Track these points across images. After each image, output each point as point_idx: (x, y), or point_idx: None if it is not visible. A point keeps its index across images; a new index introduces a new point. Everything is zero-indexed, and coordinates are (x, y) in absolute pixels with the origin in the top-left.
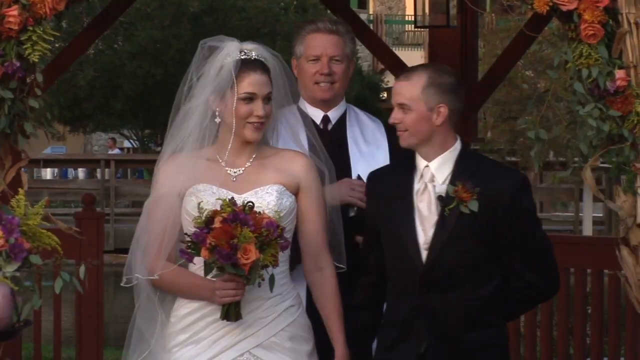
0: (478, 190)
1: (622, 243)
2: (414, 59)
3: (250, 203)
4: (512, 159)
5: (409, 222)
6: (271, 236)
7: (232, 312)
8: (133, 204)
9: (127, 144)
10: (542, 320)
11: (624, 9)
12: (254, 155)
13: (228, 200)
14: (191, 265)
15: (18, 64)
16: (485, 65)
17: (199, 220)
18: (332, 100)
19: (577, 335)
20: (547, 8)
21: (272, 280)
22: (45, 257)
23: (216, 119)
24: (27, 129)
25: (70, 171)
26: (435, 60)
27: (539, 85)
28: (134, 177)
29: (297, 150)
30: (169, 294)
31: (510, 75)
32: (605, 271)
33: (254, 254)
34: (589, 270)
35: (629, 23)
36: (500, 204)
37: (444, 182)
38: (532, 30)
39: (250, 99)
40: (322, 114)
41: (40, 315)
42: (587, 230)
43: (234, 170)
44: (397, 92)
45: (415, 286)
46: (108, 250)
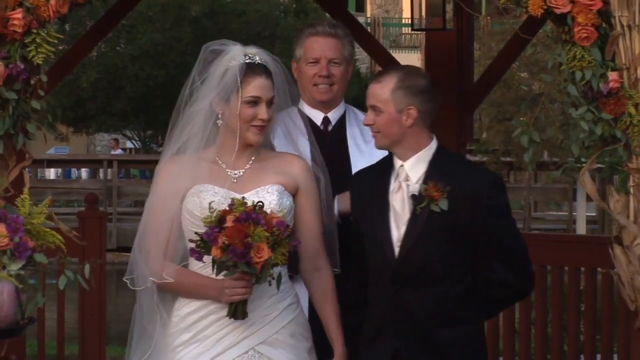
0: (448, 189)
1: (615, 242)
2: (411, 61)
3: (260, 202)
4: (507, 159)
5: (385, 220)
6: (282, 235)
7: (240, 311)
8: (135, 204)
9: (129, 144)
10: (537, 317)
11: (617, 12)
12: (253, 158)
13: (240, 199)
14: (192, 265)
15: (22, 66)
16: (481, 67)
17: (209, 220)
18: (332, 101)
19: (571, 332)
20: (542, 11)
21: (279, 279)
22: (49, 255)
23: (218, 122)
24: (29, 129)
25: (74, 171)
26: (432, 62)
27: (533, 87)
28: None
29: (294, 153)
30: (169, 293)
31: (506, 77)
32: (599, 269)
33: (266, 253)
34: (582, 269)
35: (622, 26)
36: (472, 203)
37: (417, 182)
38: (526, 33)
39: (254, 102)
40: (322, 115)
41: (44, 313)
42: (581, 229)
43: (235, 172)
44: (369, 94)
45: (388, 282)
46: (111, 248)
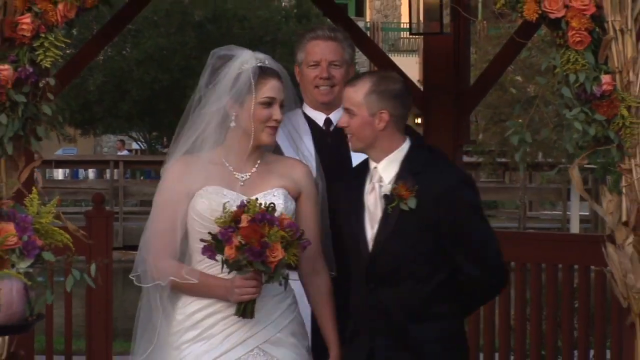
0: (417, 188)
1: (608, 240)
2: (410, 64)
3: (272, 204)
4: (503, 160)
5: (360, 220)
6: (294, 236)
7: (249, 310)
8: (141, 203)
9: (135, 145)
10: (532, 314)
11: (610, 16)
12: (259, 161)
13: (254, 200)
14: (196, 264)
15: (31, 70)
16: (477, 70)
17: (222, 220)
18: (333, 103)
19: (565, 329)
20: (537, 16)
21: (287, 278)
22: (57, 253)
23: (231, 124)
24: (39, 132)
25: (81, 172)
26: (430, 65)
27: (528, 90)
28: (142, 178)
29: (296, 158)
30: (172, 291)
31: (501, 80)
32: (592, 267)
33: (280, 253)
34: (576, 267)
35: (615, 30)
36: (441, 200)
37: (390, 182)
38: (522, 37)
39: (269, 103)
40: (324, 116)
41: (52, 310)
42: (575, 228)
43: (242, 175)
44: (344, 97)
45: (363, 278)
46: (117, 247)
